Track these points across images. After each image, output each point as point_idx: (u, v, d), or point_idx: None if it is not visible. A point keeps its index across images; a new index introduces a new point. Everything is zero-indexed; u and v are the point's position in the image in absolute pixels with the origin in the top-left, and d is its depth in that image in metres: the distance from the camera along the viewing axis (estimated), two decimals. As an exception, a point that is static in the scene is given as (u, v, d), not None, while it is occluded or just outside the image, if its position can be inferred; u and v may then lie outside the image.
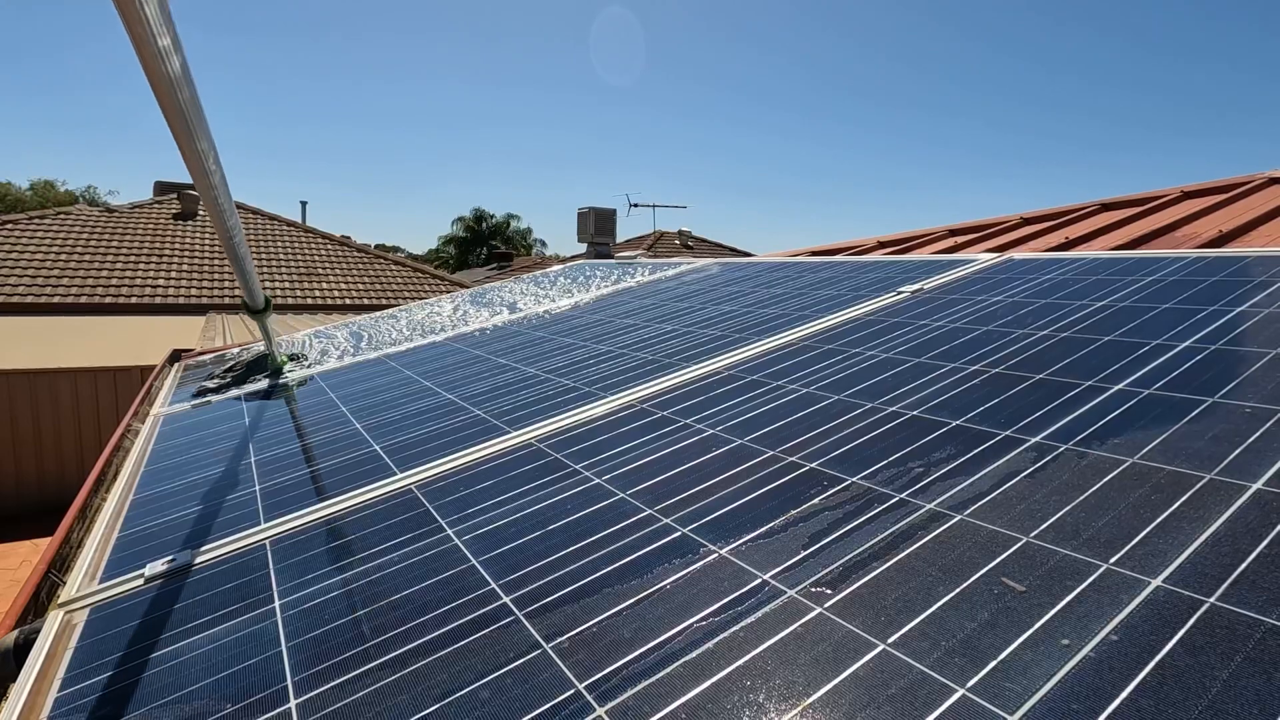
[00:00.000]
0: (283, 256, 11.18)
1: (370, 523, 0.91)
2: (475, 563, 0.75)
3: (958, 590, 0.56)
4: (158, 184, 13.14)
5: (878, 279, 1.84)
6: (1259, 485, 0.62)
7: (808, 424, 0.97)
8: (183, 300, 9.33)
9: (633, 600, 0.63)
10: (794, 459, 0.86)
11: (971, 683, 0.46)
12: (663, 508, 0.80)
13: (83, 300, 8.80)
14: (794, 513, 0.73)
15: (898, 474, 0.77)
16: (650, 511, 0.79)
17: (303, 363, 2.38)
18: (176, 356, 3.11)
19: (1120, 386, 0.88)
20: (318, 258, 11.47)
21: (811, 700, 0.47)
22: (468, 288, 6.78)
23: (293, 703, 0.57)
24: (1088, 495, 0.65)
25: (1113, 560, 0.55)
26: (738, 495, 0.79)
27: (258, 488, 1.12)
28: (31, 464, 5.84)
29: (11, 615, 0.93)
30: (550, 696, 0.53)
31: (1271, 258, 1.34)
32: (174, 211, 11.72)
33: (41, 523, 5.24)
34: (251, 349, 2.64)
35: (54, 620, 0.79)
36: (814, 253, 3.86)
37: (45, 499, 5.76)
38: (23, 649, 0.74)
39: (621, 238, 10.27)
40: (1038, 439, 0.79)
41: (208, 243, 10.75)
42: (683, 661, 0.54)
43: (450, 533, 0.84)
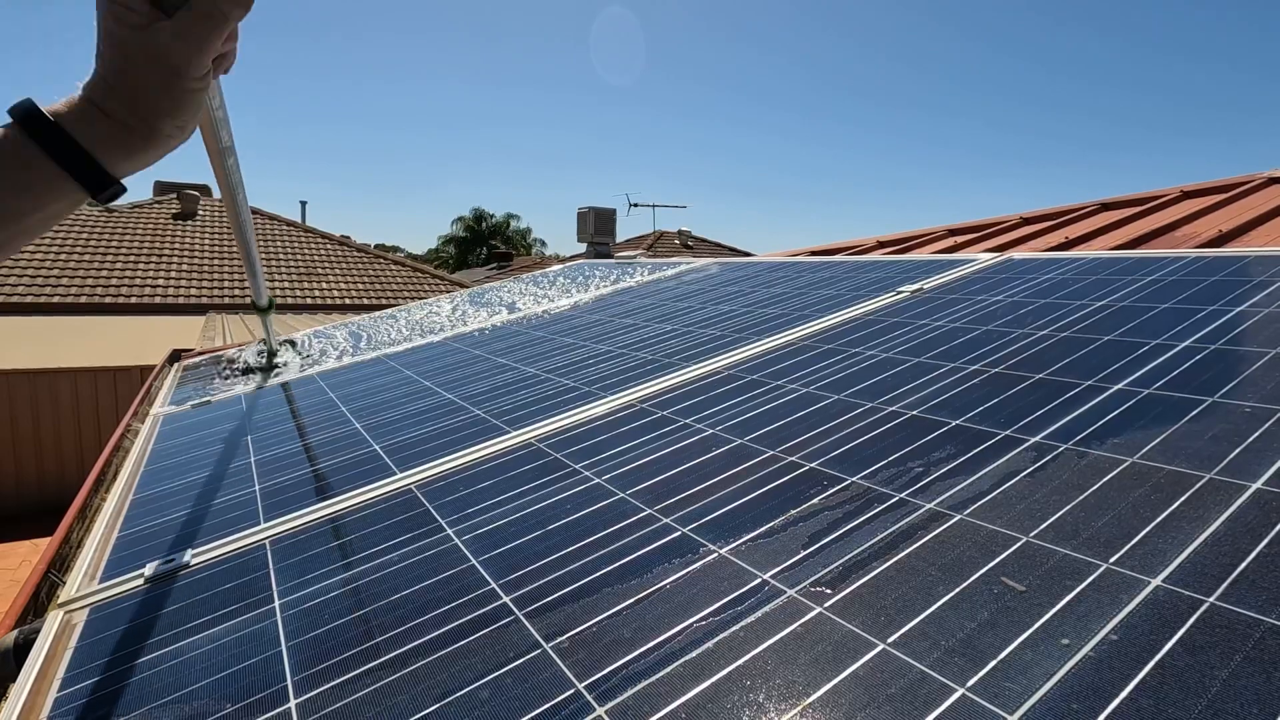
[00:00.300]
0: (283, 256, 11.19)
1: (370, 522, 0.91)
2: (475, 562, 0.75)
3: (957, 590, 0.56)
4: (158, 184, 13.15)
5: (877, 279, 1.84)
6: (1259, 485, 0.62)
7: (807, 424, 0.97)
8: (183, 300, 9.34)
9: (632, 600, 0.63)
10: (794, 459, 0.86)
11: (971, 682, 0.46)
12: (662, 507, 0.80)
13: (83, 300, 8.80)
14: (794, 512, 0.73)
15: (898, 474, 0.77)
16: (650, 511, 0.79)
17: (296, 348, 2.68)
18: (176, 356, 3.11)
19: (1120, 386, 0.88)
20: (317, 258, 11.47)
21: (811, 700, 0.47)
22: (467, 287, 6.78)
23: (292, 702, 0.57)
24: (1088, 495, 0.65)
25: (1113, 560, 0.55)
26: (738, 495, 0.79)
27: (257, 487, 1.13)
28: (31, 464, 5.85)
29: (11, 615, 0.93)
30: (550, 696, 0.53)
31: (1271, 258, 1.34)
32: (174, 211, 11.72)
33: (41, 523, 5.24)
34: (249, 347, 2.84)
35: (54, 620, 0.79)
36: (814, 253, 3.86)
37: (45, 499, 5.76)
38: (23, 649, 0.74)
39: (621, 238, 10.27)
40: (1037, 439, 0.79)
41: (208, 243, 10.75)
42: (683, 661, 0.54)
43: (450, 532, 0.84)
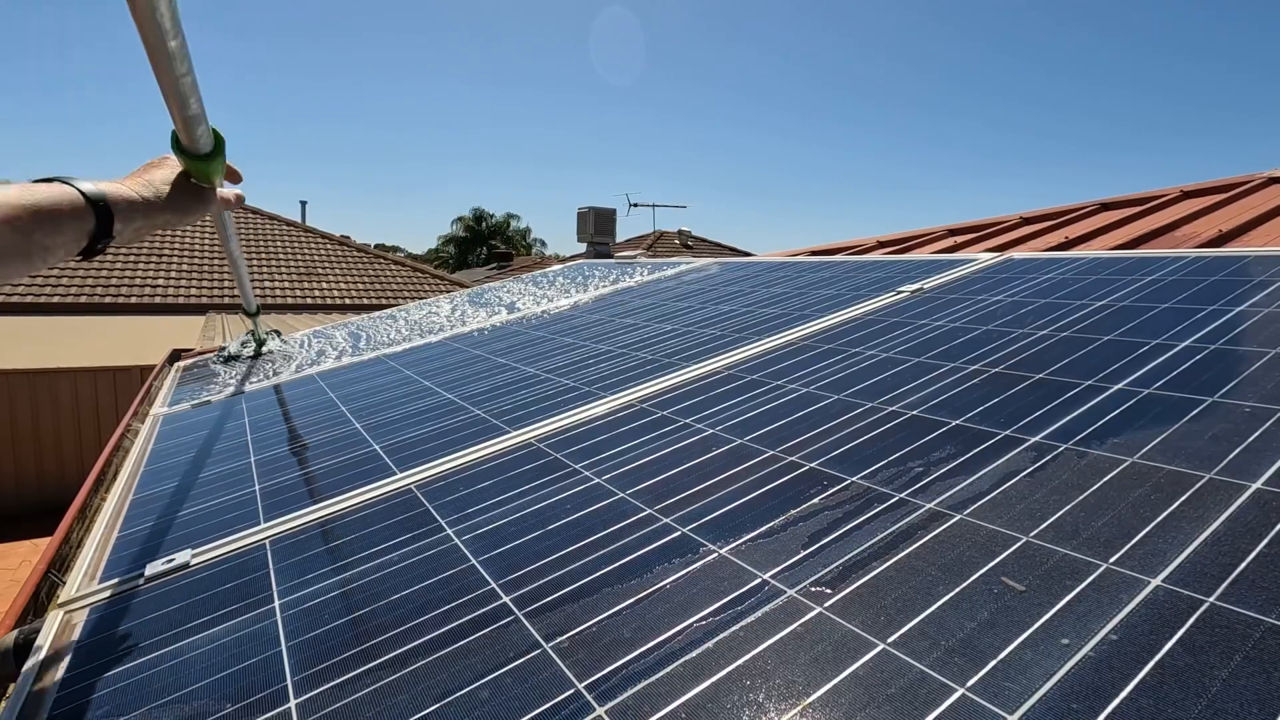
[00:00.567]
0: (282, 256, 11.18)
1: (370, 522, 0.91)
2: (475, 562, 0.75)
3: (957, 590, 0.56)
4: (157, 184, 13.11)
5: (878, 279, 1.84)
6: (1259, 485, 0.62)
7: (807, 423, 0.97)
8: (183, 300, 9.33)
9: (632, 600, 0.63)
10: (794, 458, 0.86)
11: (971, 682, 0.46)
12: (662, 507, 0.80)
13: (83, 300, 8.79)
14: (794, 512, 0.73)
15: (897, 473, 0.77)
16: (650, 511, 0.79)
17: (281, 337, 3.01)
18: (176, 356, 3.11)
19: (1120, 386, 0.88)
20: (317, 258, 11.47)
21: (811, 700, 0.47)
22: (467, 287, 6.78)
23: (292, 702, 0.57)
24: (1087, 495, 0.65)
25: (1112, 560, 0.55)
26: (737, 495, 0.79)
27: (257, 487, 1.13)
28: (31, 464, 5.84)
29: (11, 615, 0.93)
30: (550, 696, 0.53)
31: (1271, 257, 1.34)
32: (174, 211, 11.70)
33: (41, 523, 5.24)
34: (236, 339, 3.09)
35: (54, 620, 0.79)
36: (814, 253, 3.86)
37: (45, 499, 5.76)
38: (23, 649, 0.74)
39: (621, 238, 10.27)
40: (1037, 438, 0.79)
41: (207, 243, 10.75)
42: (683, 661, 0.54)
43: (450, 532, 0.84)
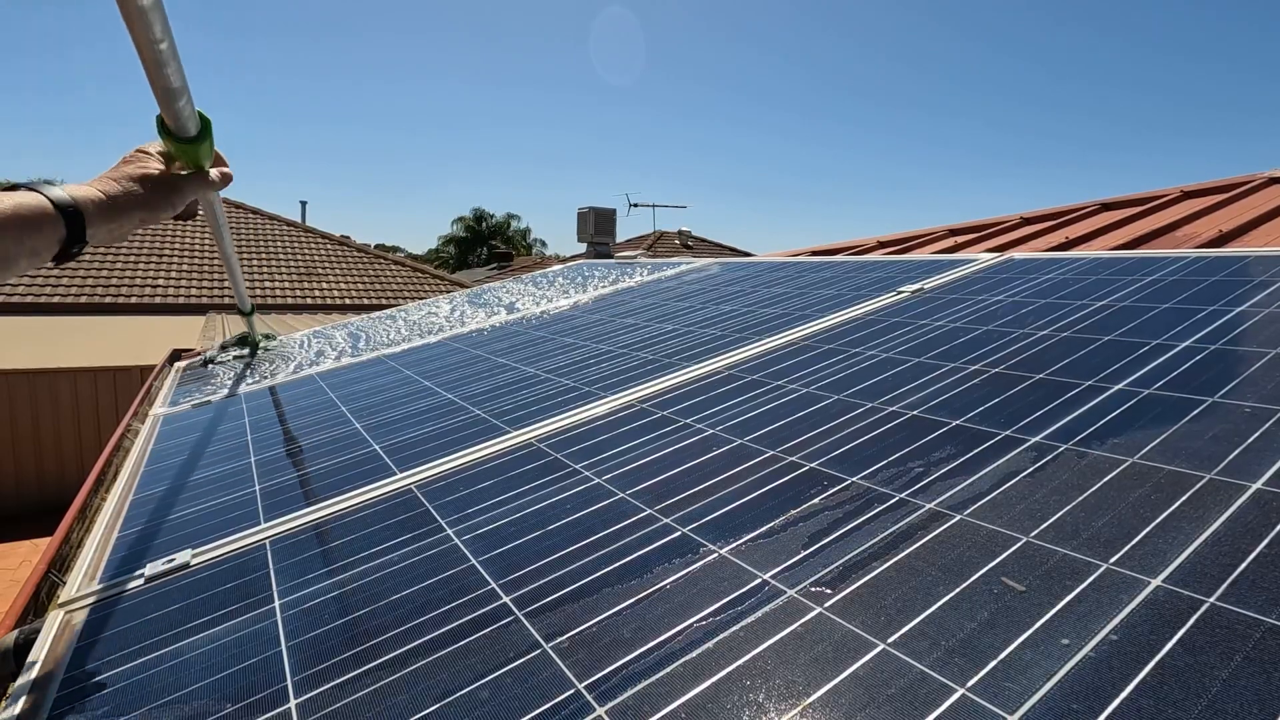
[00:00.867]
0: (282, 256, 11.18)
1: (370, 522, 0.91)
2: (475, 562, 0.75)
3: (958, 590, 0.56)
4: (158, 184, 13.11)
5: (878, 279, 1.84)
6: (1259, 485, 0.62)
7: (808, 424, 0.97)
8: (183, 300, 9.33)
9: (632, 600, 0.63)
10: (794, 459, 0.86)
11: (971, 682, 0.46)
12: (663, 507, 0.80)
13: (83, 300, 8.79)
14: (794, 512, 0.73)
15: (898, 474, 0.77)
16: (650, 511, 0.79)
17: (274, 340, 2.99)
18: (176, 356, 3.11)
19: (1120, 386, 0.88)
20: (317, 258, 11.47)
21: (811, 700, 0.47)
22: (468, 287, 6.77)
23: (292, 702, 0.57)
24: (1088, 495, 0.65)
25: (1113, 560, 0.55)
26: (738, 495, 0.79)
27: (257, 487, 1.13)
28: (31, 464, 5.84)
29: (11, 615, 0.93)
30: (550, 696, 0.53)
31: (1271, 258, 1.34)
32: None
33: (41, 523, 5.24)
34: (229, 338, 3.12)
35: (54, 620, 0.79)
36: (814, 253, 3.86)
37: (45, 499, 5.76)
38: (23, 649, 0.74)
39: (621, 238, 10.27)
40: (1038, 439, 0.79)
41: (208, 243, 10.74)
42: (683, 661, 0.54)
43: (450, 532, 0.84)
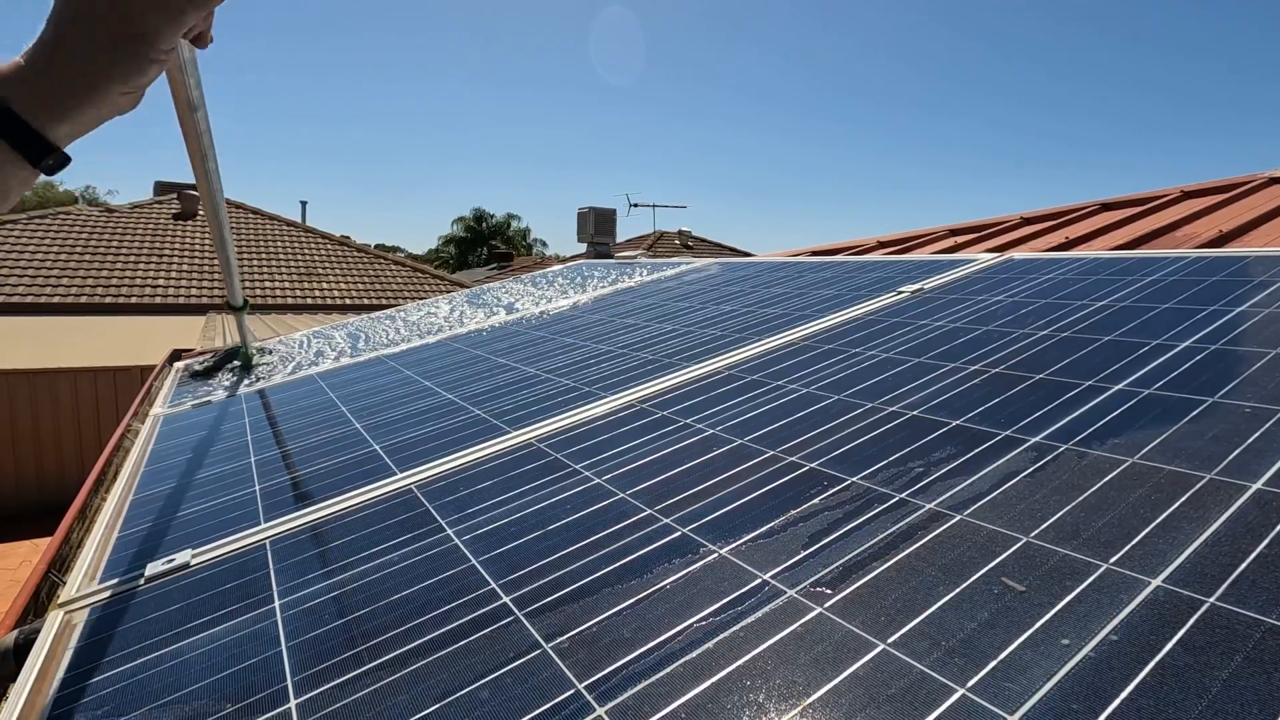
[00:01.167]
0: (283, 256, 11.18)
1: (370, 522, 0.91)
2: (475, 562, 0.75)
3: (958, 590, 0.56)
4: (158, 184, 13.15)
5: (878, 279, 1.84)
6: (1259, 485, 0.62)
7: (808, 424, 0.97)
8: (183, 300, 9.34)
9: (633, 600, 0.63)
10: (794, 459, 0.86)
11: (971, 682, 0.46)
12: (663, 507, 0.80)
13: (83, 300, 8.80)
14: (794, 513, 0.73)
15: (898, 474, 0.77)
16: (650, 511, 0.79)
17: (268, 355, 2.60)
18: (176, 356, 3.11)
19: (1120, 386, 0.88)
20: (318, 258, 11.47)
21: (811, 700, 0.47)
22: (468, 288, 6.78)
23: (293, 702, 0.57)
24: (1088, 495, 0.65)
25: (1113, 560, 0.55)
26: (738, 495, 0.79)
27: (257, 487, 1.13)
28: (31, 464, 5.84)
29: (11, 615, 0.93)
30: (550, 696, 0.53)
31: (1271, 258, 1.34)
32: (174, 211, 11.71)
33: (41, 523, 5.24)
34: (219, 353, 2.81)
35: (54, 620, 0.79)
36: (814, 253, 3.86)
37: (45, 499, 5.76)
38: (23, 649, 0.74)
39: (621, 238, 10.27)
40: (1038, 439, 0.79)
41: (207, 243, 10.75)
42: (683, 661, 0.54)
43: (450, 532, 0.84)
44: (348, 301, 10.28)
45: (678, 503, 0.80)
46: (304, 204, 27.39)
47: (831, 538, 0.67)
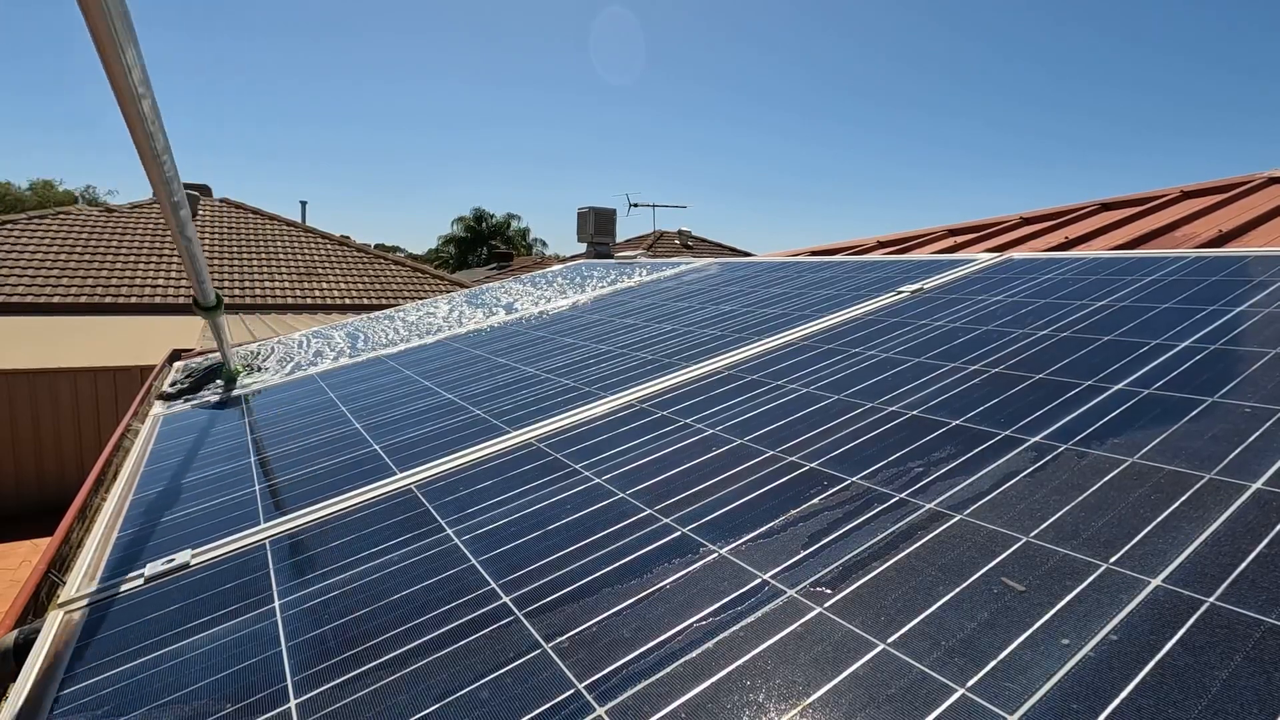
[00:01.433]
0: (283, 256, 11.18)
1: (370, 522, 0.91)
2: (475, 562, 0.75)
3: (958, 590, 0.56)
4: (158, 184, 13.10)
5: (878, 279, 1.84)
6: (1259, 485, 0.62)
7: (808, 424, 0.97)
8: (183, 300, 9.33)
9: (632, 600, 0.63)
10: (794, 459, 0.86)
11: (971, 682, 0.46)
12: (662, 507, 0.80)
13: (83, 300, 8.80)
14: (794, 512, 0.73)
15: (898, 474, 0.77)
16: (650, 511, 0.79)
17: (258, 372, 2.26)
18: (176, 356, 3.11)
19: (1120, 386, 0.88)
20: (318, 258, 11.47)
21: (811, 700, 0.47)
22: (468, 287, 6.78)
23: (293, 702, 0.57)
24: (1087, 495, 0.65)
25: (1113, 560, 0.55)
26: (737, 495, 0.79)
27: (257, 487, 1.13)
28: (31, 464, 5.84)
29: (11, 615, 0.93)
30: (550, 696, 0.53)
31: (1271, 258, 1.34)
32: (174, 211, 11.67)
33: (41, 523, 5.23)
34: (210, 356, 2.52)
35: (54, 620, 0.79)
36: (814, 253, 3.86)
37: (45, 499, 5.76)
38: (23, 649, 0.74)
39: (621, 238, 10.27)
40: (1037, 439, 0.79)
41: (207, 243, 10.75)
42: (683, 661, 0.54)
43: (450, 532, 0.84)
44: (347, 301, 10.28)
45: (677, 502, 0.80)
46: (304, 204, 27.34)
47: (831, 538, 0.67)
